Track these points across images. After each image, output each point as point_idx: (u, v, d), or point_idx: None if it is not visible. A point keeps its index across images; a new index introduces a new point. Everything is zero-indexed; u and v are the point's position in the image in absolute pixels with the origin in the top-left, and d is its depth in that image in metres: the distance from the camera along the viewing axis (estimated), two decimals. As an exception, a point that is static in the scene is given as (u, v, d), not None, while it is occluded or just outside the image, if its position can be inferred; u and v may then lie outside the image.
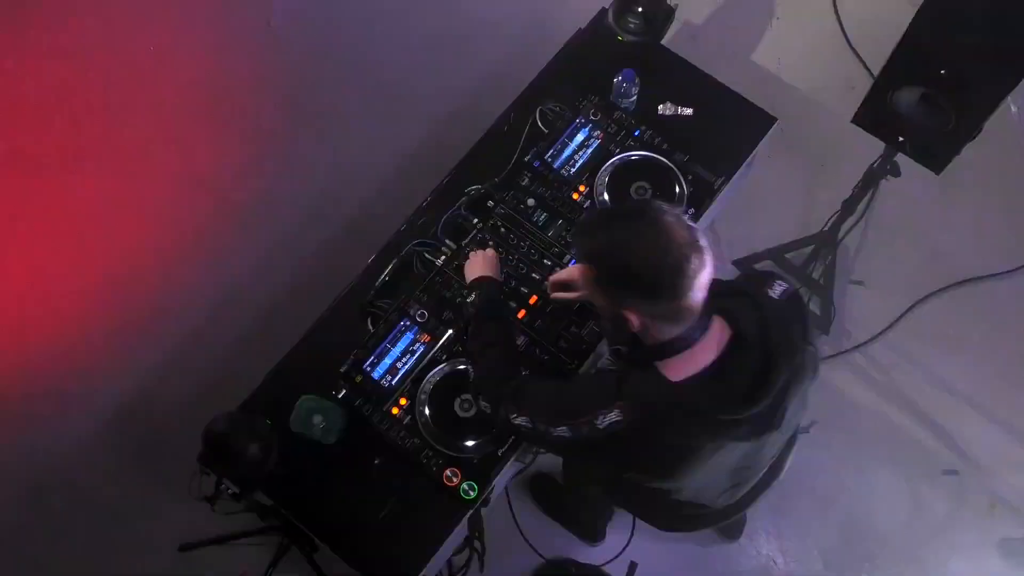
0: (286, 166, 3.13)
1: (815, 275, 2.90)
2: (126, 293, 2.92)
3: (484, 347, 1.86)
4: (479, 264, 2.00)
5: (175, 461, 2.08)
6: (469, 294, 1.94)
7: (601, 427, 1.54)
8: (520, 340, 2.06)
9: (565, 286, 2.01)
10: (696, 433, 1.56)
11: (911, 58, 2.01)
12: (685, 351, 1.53)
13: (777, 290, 1.65)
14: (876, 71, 2.16)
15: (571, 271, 2.02)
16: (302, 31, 3.33)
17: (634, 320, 1.52)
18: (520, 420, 1.68)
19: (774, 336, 1.55)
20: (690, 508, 1.90)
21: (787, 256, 2.93)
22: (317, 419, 1.94)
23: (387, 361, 2.04)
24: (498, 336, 1.87)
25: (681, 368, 1.54)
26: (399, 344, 2.05)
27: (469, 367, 1.87)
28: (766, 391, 1.54)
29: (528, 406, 1.68)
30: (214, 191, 3.08)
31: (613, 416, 1.54)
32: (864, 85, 2.32)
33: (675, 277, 1.45)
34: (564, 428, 1.60)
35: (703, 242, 1.47)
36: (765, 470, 1.91)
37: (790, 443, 1.98)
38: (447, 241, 2.17)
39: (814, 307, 2.90)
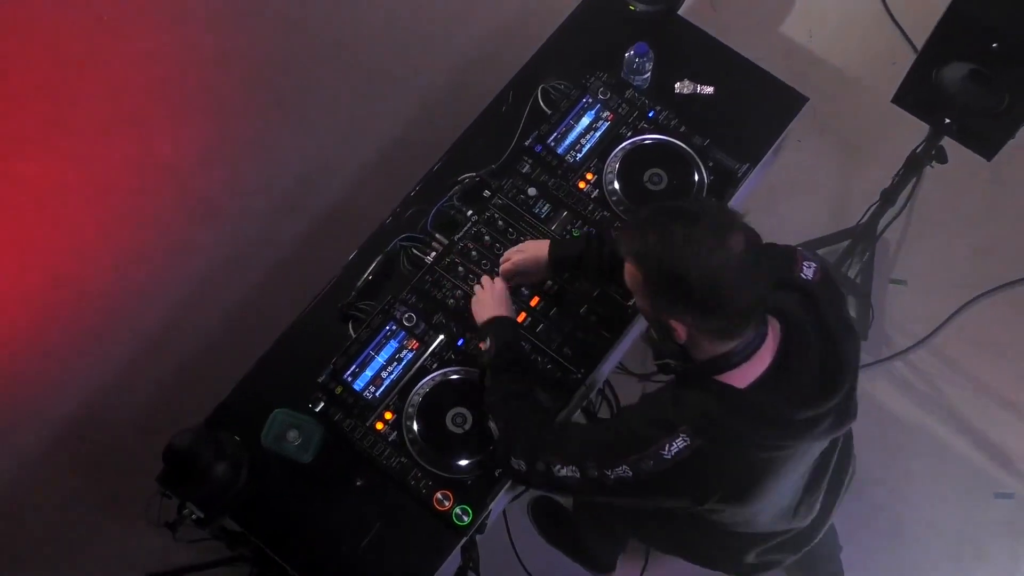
0: (256, 151, 3.13)
1: (851, 273, 2.92)
2: (75, 294, 2.92)
3: (507, 399, 1.83)
4: (488, 302, 1.97)
5: (132, 483, 2.08)
6: (483, 337, 1.91)
7: (668, 457, 1.53)
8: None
9: (518, 271, 2.03)
10: (780, 441, 1.56)
11: (959, 30, 2.02)
12: (743, 364, 1.55)
13: (808, 272, 1.69)
14: (920, 44, 2.17)
15: (520, 261, 2.02)
16: (274, -2, 3.35)
17: (680, 332, 1.53)
18: (566, 471, 1.65)
19: (830, 320, 1.60)
20: (760, 543, 1.94)
21: (820, 252, 2.94)
22: (292, 435, 1.95)
23: (370, 371, 2.04)
24: (522, 386, 1.85)
25: (743, 375, 1.56)
26: (384, 351, 2.05)
27: (491, 424, 1.86)
28: (846, 375, 1.57)
29: (573, 452, 1.66)
30: (175, 178, 3.08)
31: (679, 443, 1.53)
32: (906, 60, 2.33)
33: (732, 293, 1.47)
34: (624, 467, 1.57)
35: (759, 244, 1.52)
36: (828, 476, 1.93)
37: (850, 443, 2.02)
38: (438, 236, 2.17)
39: (850, 310, 2.92)
